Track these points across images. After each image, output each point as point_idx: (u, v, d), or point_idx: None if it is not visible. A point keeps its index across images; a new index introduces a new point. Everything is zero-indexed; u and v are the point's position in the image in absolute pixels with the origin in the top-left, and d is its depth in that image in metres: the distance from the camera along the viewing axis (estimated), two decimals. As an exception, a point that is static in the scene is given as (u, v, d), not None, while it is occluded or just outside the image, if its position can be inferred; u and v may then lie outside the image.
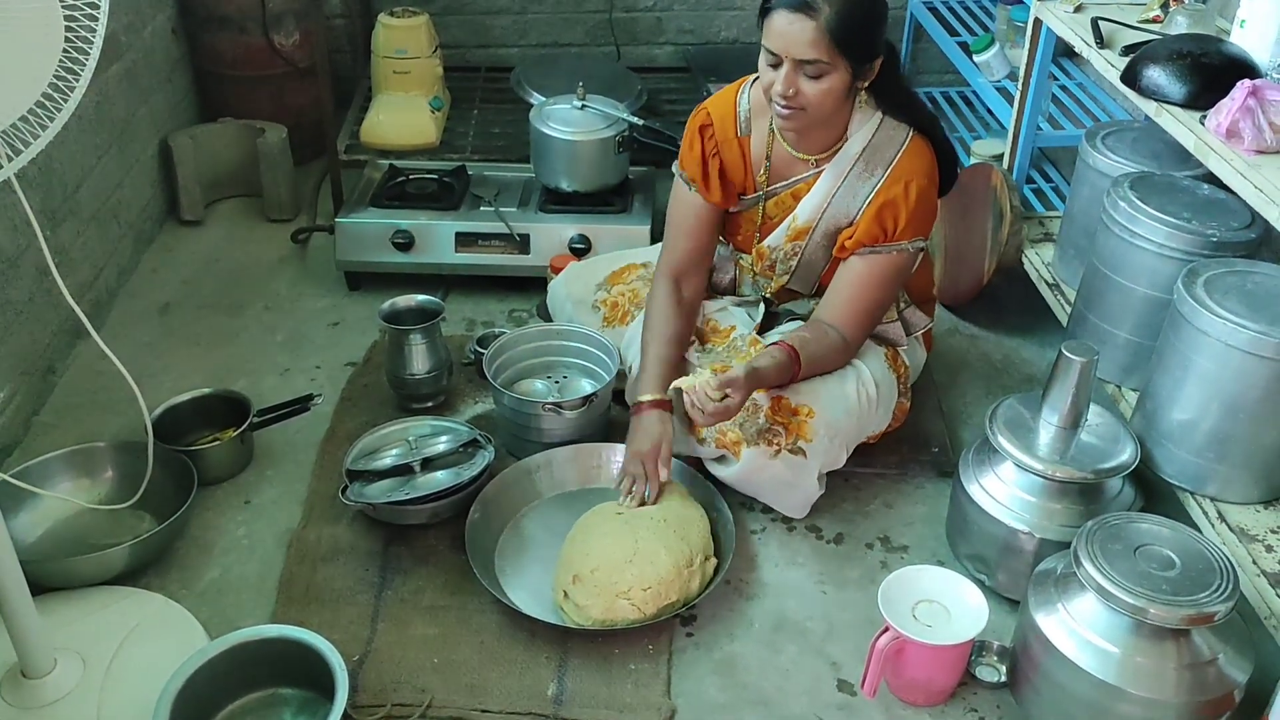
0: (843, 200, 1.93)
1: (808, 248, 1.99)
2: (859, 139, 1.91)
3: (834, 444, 1.90)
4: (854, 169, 1.91)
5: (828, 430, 1.89)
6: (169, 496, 1.87)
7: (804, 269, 2.03)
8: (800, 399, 1.89)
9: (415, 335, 2.15)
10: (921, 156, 1.90)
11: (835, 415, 1.90)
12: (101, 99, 2.53)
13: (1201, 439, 1.76)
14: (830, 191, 1.93)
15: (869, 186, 1.90)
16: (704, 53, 3.47)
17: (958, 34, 3.12)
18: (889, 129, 1.90)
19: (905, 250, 1.92)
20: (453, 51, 3.33)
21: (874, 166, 1.90)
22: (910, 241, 1.91)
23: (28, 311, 2.18)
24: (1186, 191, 1.99)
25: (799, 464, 1.88)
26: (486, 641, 1.74)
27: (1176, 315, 1.76)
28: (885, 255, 1.91)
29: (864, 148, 1.90)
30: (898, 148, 1.89)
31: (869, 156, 1.90)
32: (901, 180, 1.88)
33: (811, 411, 1.88)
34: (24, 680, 1.60)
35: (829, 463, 1.93)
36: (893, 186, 1.88)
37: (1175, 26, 2.11)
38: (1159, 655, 1.48)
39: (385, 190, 2.63)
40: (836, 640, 1.77)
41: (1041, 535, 1.73)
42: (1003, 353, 2.47)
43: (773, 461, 1.87)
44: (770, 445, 1.87)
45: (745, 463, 1.89)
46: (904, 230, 1.89)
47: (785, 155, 1.97)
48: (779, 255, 2.03)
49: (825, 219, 1.95)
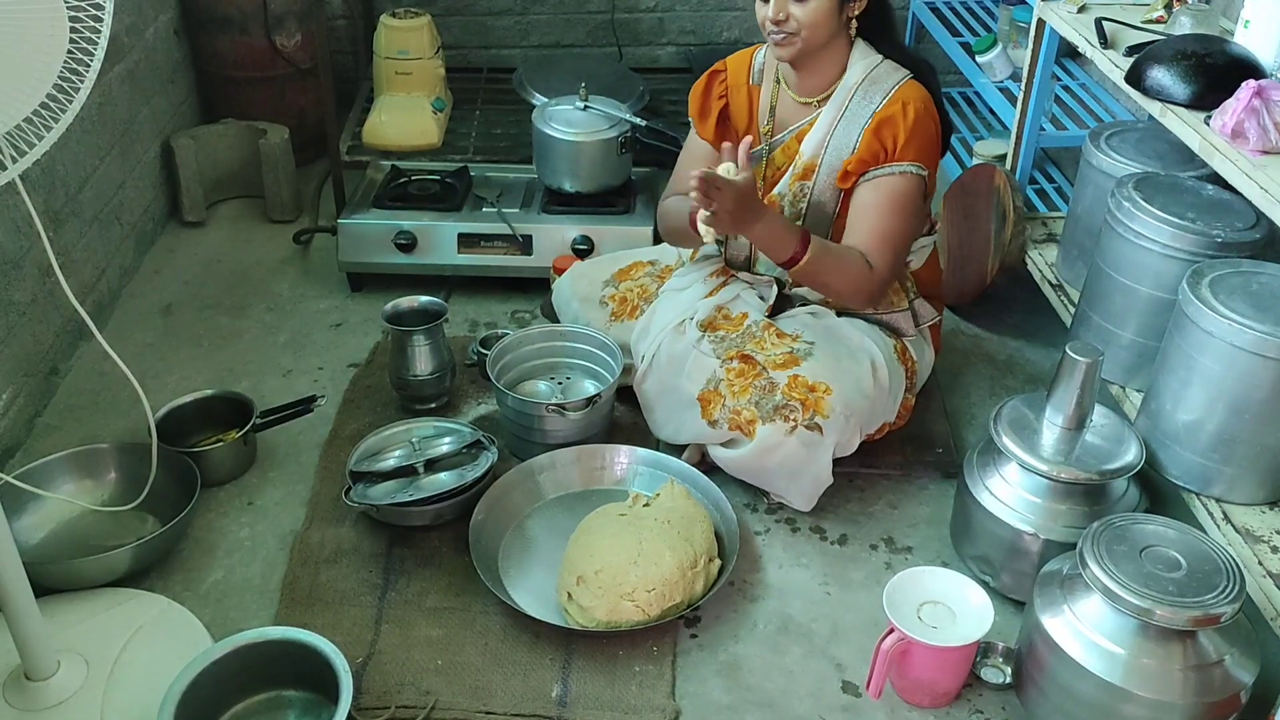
0: (844, 129, 1.97)
1: (815, 186, 2.01)
2: (858, 70, 1.97)
3: (849, 423, 1.90)
4: (854, 98, 1.96)
5: (845, 408, 1.89)
6: (172, 498, 1.87)
7: (813, 212, 2.03)
8: (818, 376, 1.90)
9: (418, 336, 2.14)
10: (920, 89, 1.96)
11: (852, 394, 1.91)
12: (104, 100, 2.53)
13: (1207, 440, 1.76)
14: (832, 122, 1.98)
15: (867, 112, 1.94)
16: (706, 53, 3.46)
17: (960, 34, 3.11)
18: (889, 67, 1.97)
19: (908, 173, 1.94)
20: (454, 52, 3.33)
21: (872, 95, 1.95)
22: (912, 164, 1.93)
23: (30, 313, 2.18)
24: (1191, 192, 1.98)
25: (815, 441, 1.88)
26: (490, 643, 1.74)
27: (1181, 316, 1.76)
28: (888, 177, 1.94)
29: (863, 78, 1.96)
30: (896, 81, 1.95)
31: (868, 86, 1.95)
32: (899, 101, 1.93)
33: (829, 389, 1.88)
34: (27, 682, 1.59)
35: (843, 444, 1.92)
36: (890, 106, 1.93)
37: (1179, 27, 2.11)
38: (1165, 657, 1.47)
39: (387, 191, 2.63)
40: (841, 642, 1.77)
41: (1046, 536, 1.73)
42: (1006, 353, 2.47)
43: (789, 438, 1.87)
44: (787, 421, 1.86)
45: (760, 441, 1.88)
46: (904, 149, 1.92)
47: (790, 103, 2.03)
48: (787, 200, 2.05)
49: (829, 152, 1.98)
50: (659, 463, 2.03)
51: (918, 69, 1.98)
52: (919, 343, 2.12)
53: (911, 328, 2.08)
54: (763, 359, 1.94)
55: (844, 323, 2.04)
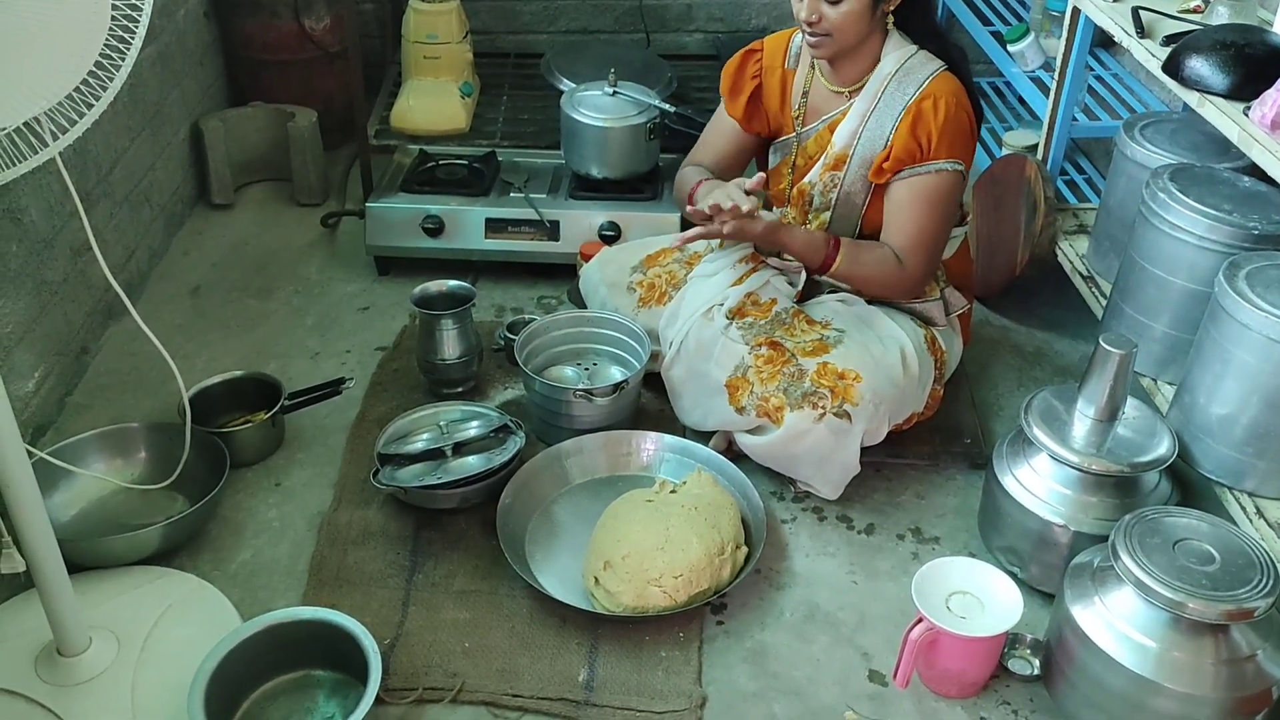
0: (877, 121, 1.96)
1: (846, 177, 2.00)
2: (892, 60, 1.96)
3: (879, 412, 1.90)
4: (887, 89, 1.95)
5: (874, 396, 1.88)
6: (201, 478, 1.88)
7: (843, 203, 2.03)
8: (848, 364, 1.89)
9: (446, 320, 2.14)
10: (952, 82, 1.95)
11: (881, 382, 1.90)
12: (135, 82, 2.53)
13: (1241, 433, 1.74)
14: (865, 113, 1.97)
15: (900, 105, 1.94)
16: (734, 41, 3.44)
17: (991, 23, 3.09)
18: (922, 59, 1.95)
19: (944, 170, 1.93)
20: (483, 37, 3.33)
21: (905, 87, 1.94)
22: (948, 160, 1.92)
23: (62, 292, 2.20)
24: (1227, 183, 1.96)
25: (843, 429, 1.87)
26: (517, 627, 1.75)
27: (1217, 308, 1.74)
28: (924, 176, 1.93)
29: (896, 69, 1.95)
30: (929, 73, 1.94)
31: (901, 78, 1.94)
32: (931, 96, 1.92)
33: (859, 376, 1.88)
34: (59, 658, 1.61)
35: (871, 432, 1.91)
36: (922, 101, 1.92)
37: (1216, 17, 2.08)
38: (1197, 650, 1.47)
39: (415, 175, 2.63)
40: (868, 631, 1.77)
41: (1076, 528, 1.72)
42: (1035, 345, 2.45)
43: (817, 425, 1.86)
44: (815, 408, 1.86)
45: (788, 428, 1.88)
46: (938, 147, 1.91)
47: (823, 91, 2.02)
48: (818, 190, 2.04)
49: (861, 143, 1.97)
50: (685, 449, 2.03)
51: (951, 59, 1.97)
52: (948, 333, 2.11)
53: (942, 317, 2.08)
54: (792, 345, 1.94)
55: (874, 310, 2.03)
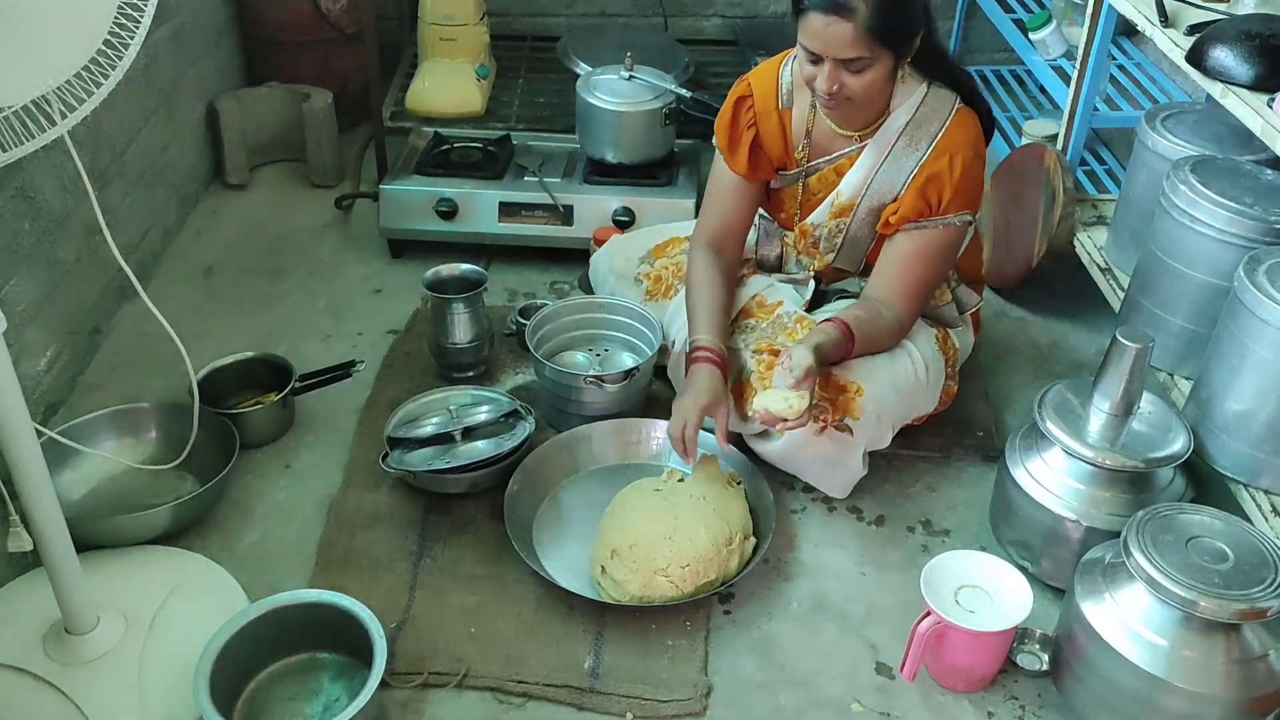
0: (887, 175, 1.90)
1: (852, 225, 1.97)
2: (903, 113, 1.88)
3: (881, 423, 1.88)
4: (898, 143, 1.88)
5: (876, 408, 1.86)
6: (210, 458, 1.88)
7: (849, 247, 2.01)
8: (850, 376, 1.86)
9: (458, 304, 2.14)
10: (967, 129, 1.87)
11: (884, 394, 1.87)
12: (150, 61, 2.53)
13: (1258, 430, 1.72)
14: (874, 167, 1.91)
15: (913, 161, 1.88)
16: (752, 26, 3.43)
17: (1013, 10, 3.06)
18: (934, 101, 1.87)
19: (952, 225, 1.89)
20: (499, 19, 3.31)
21: (918, 140, 1.87)
22: (957, 215, 1.88)
23: (75, 271, 2.20)
24: (1249, 176, 1.93)
25: (844, 441, 1.86)
26: (524, 613, 1.74)
27: (1236, 303, 1.72)
28: (931, 230, 1.88)
29: (908, 121, 1.87)
30: (943, 121, 1.87)
31: (913, 131, 1.87)
32: (946, 154, 1.85)
33: (860, 389, 1.85)
34: (67, 636, 1.61)
35: (874, 441, 1.90)
36: (937, 160, 1.85)
37: (1242, 6, 2.05)
38: (1208, 649, 1.45)
39: (429, 158, 2.62)
40: (876, 623, 1.76)
41: (1089, 523, 1.70)
42: (1050, 337, 2.43)
43: (818, 438, 1.85)
44: (816, 421, 1.84)
45: (790, 438, 1.86)
46: (949, 204, 1.87)
47: (827, 130, 1.94)
48: (823, 233, 2.01)
49: (869, 195, 1.93)
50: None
51: (962, 89, 1.89)
52: (962, 329, 2.09)
53: (957, 319, 2.06)
54: None
55: None
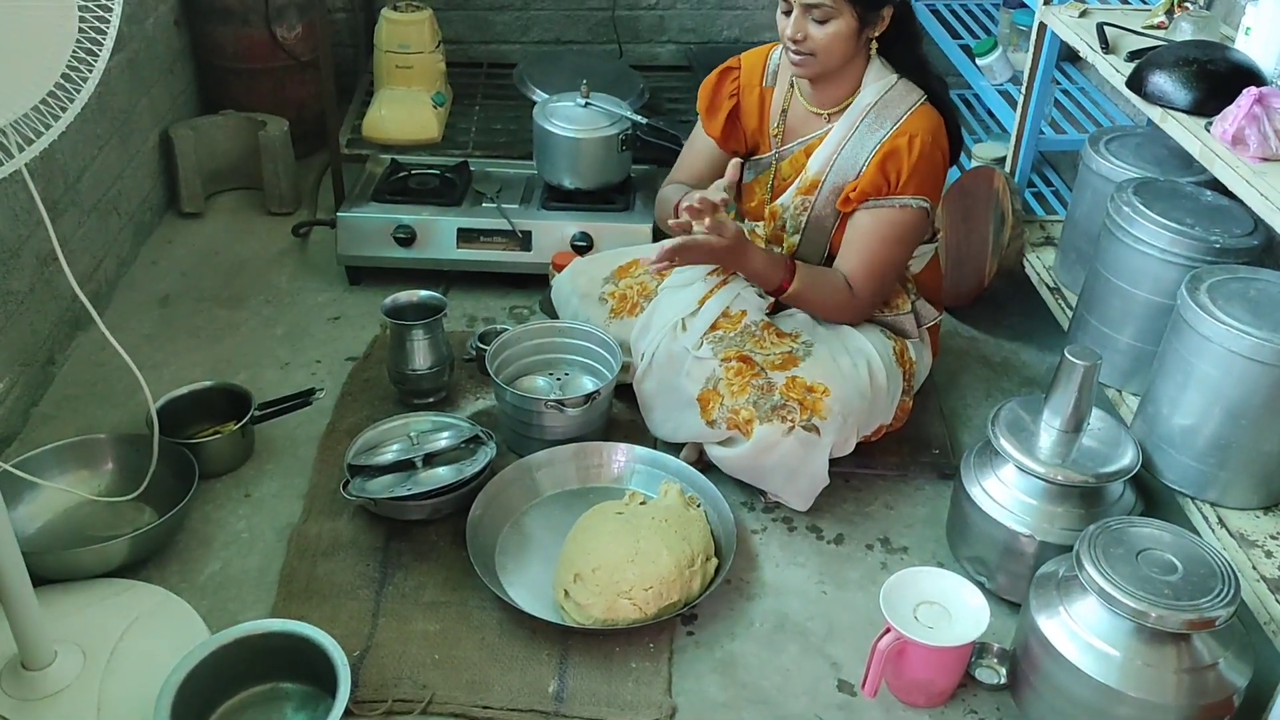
0: (851, 151, 1.97)
1: (817, 202, 2.02)
2: (871, 93, 1.96)
3: (847, 424, 1.91)
4: (864, 120, 1.96)
5: (842, 409, 1.90)
6: (169, 489, 1.87)
7: (813, 227, 2.05)
8: (816, 377, 1.91)
9: (418, 330, 2.14)
10: (930, 119, 1.95)
11: (849, 396, 1.91)
12: (103, 90, 2.52)
13: (1203, 444, 1.77)
14: (841, 142, 1.98)
15: (876, 139, 1.95)
16: (706, 52, 3.47)
17: (960, 36, 3.12)
18: (903, 89, 1.96)
19: (909, 206, 1.94)
20: (455, 47, 3.33)
21: (883, 120, 1.95)
22: (914, 197, 1.94)
23: (28, 302, 2.18)
24: (1190, 197, 1.99)
25: (812, 442, 1.89)
26: (487, 638, 1.74)
27: (1179, 321, 1.77)
28: (888, 209, 1.95)
29: (876, 101, 1.96)
30: (908, 108, 1.95)
31: (879, 110, 1.95)
32: (906, 133, 1.92)
33: (827, 390, 1.89)
34: (24, 672, 1.59)
35: (840, 444, 1.93)
36: (898, 138, 1.93)
37: (1180, 33, 2.12)
38: (1160, 659, 1.48)
39: (387, 185, 2.62)
40: (837, 641, 1.78)
41: (1042, 538, 1.74)
42: (1002, 355, 2.47)
43: (786, 439, 1.87)
44: (784, 421, 1.87)
45: (757, 440, 1.89)
46: (906, 184, 1.93)
47: (801, 111, 2.03)
48: (789, 213, 2.06)
49: (834, 171, 1.99)
50: (656, 461, 2.03)
51: (933, 90, 1.98)
52: (918, 345, 2.13)
53: (914, 330, 2.10)
54: (761, 359, 1.95)
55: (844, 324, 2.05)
